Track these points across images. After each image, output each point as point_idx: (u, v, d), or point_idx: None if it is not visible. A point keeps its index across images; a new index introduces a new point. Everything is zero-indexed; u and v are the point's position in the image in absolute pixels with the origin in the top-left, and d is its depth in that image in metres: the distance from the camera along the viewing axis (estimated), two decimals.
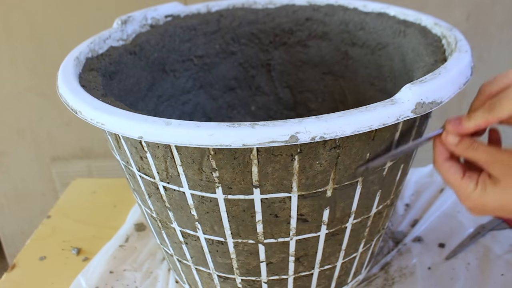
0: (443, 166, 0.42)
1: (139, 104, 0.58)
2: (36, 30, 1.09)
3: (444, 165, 0.42)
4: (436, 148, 0.42)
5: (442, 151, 0.42)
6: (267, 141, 0.35)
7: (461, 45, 0.47)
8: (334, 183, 0.42)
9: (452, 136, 0.40)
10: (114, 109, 0.39)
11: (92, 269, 0.62)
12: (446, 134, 0.41)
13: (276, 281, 0.51)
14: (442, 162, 0.42)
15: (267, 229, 0.45)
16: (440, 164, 0.42)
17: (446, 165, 0.42)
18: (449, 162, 0.42)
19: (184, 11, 0.65)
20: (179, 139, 0.36)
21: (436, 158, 0.42)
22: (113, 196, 0.77)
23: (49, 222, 0.72)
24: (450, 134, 0.41)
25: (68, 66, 0.48)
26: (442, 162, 0.42)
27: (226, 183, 0.41)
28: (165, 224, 0.50)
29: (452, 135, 0.40)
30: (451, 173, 0.41)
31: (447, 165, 0.42)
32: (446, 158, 0.42)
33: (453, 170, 0.41)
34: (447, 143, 0.41)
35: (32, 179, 1.27)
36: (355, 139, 0.39)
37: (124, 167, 0.48)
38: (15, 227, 1.33)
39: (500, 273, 0.58)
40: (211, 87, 0.69)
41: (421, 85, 0.38)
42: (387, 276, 0.59)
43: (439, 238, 0.64)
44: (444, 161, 0.42)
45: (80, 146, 1.22)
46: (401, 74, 0.57)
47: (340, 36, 0.65)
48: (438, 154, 0.42)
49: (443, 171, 0.42)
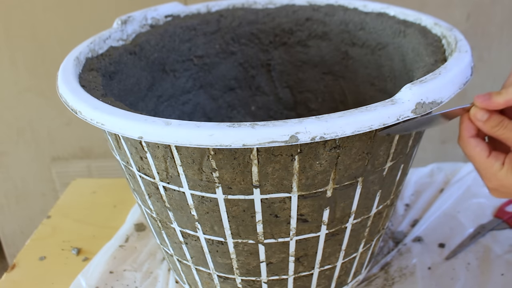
0: (469, 143, 0.40)
1: (139, 104, 0.58)
2: (36, 30, 1.09)
3: (470, 142, 0.40)
4: (462, 124, 0.41)
5: (468, 127, 0.40)
6: (267, 141, 0.35)
7: (461, 45, 0.47)
8: (334, 183, 0.42)
9: (482, 112, 0.39)
10: (114, 109, 0.39)
11: (92, 269, 0.62)
12: (475, 110, 0.39)
13: (276, 281, 0.51)
14: (467, 138, 0.40)
15: (267, 229, 0.45)
16: (465, 140, 0.41)
17: (472, 142, 0.40)
18: (474, 139, 0.40)
19: (184, 11, 0.65)
20: (179, 139, 0.36)
21: (462, 134, 0.41)
22: (113, 196, 0.77)
23: (49, 222, 0.72)
24: (479, 110, 0.39)
25: (68, 66, 0.48)
26: (467, 139, 0.40)
27: (226, 183, 0.41)
28: (165, 224, 0.50)
29: (482, 111, 0.39)
30: (476, 151, 0.40)
31: (473, 142, 0.40)
32: (472, 135, 0.40)
33: (479, 147, 0.40)
34: (476, 119, 0.39)
35: (32, 179, 1.27)
36: (355, 139, 0.39)
37: (124, 167, 0.48)
38: (15, 227, 1.34)
39: (500, 273, 0.58)
40: (211, 87, 0.69)
41: (421, 85, 0.38)
42: (387, 276, 0.59)
43: (439, 238, 0.64)
44: (470, 137, 0.40)
45: (80, 146, 1.22)
46: (401, 74, 0.57)
47: (340, 36, 0.65)
48: (464, 130, 0.40)
49: (468, 148, 0.41)
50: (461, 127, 0.41)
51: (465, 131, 0.41)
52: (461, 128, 0.41)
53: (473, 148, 0.40)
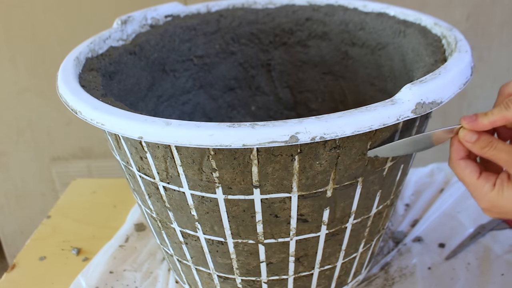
0: (459, 165, 0.41)
1: (139, 104, 0.58)
2: (36, 30, 1.09)
3: (460, 164, 0.41)
4: (452, 146, 0.41)
5: (458, 149, 0.40)
6: (267, 141, 0.35)
7: (461, 45, 0.47)
8: (334, 183, 0.42)
9: (470, 133, 0.39)
10: (114, 109, 0.39)
11: (92, 269, 0.62)
12: (463, 131, 0.39)
13: (276, 281, 0.51)
14: (457, 161, 0.41)
15: (267, 229, 0.45)
16: (455, 162, 0.41)
17: (461, 164, 0.40)
18: (464, 161, 0.41)
19: (184, 11, 0.65)
20: (179, 139, 0.36)
21: (452, 156, 0.41)
22: (113, 196, 0.77)
23: (49, 222, 0.72)
24: (468, 132, 0.39)
25: (68, 66, 0.48)
26: (457, 161, 0.41)
27: (226, 183, 0.41)
28: (165, 224, 0.50)
29: (470, 133, 0.39)
30: (466, 173, 0.40)
31: (462, 164, 0.40)
32: (462, 157, 0.41)
33: (468, 169, 0.40)
34: (465, 141, 0.39)
35: (32, 179, 1.27)
36: (355, 139, 0.39)
37: (124, 167, 0.48)
38: (15, 227, 1.34)
39: (500, 273, 0.58)
40: (211, 87, 0.69)
41: (421, 85, 0.38)
42: (387, 276, 0.59)
43: (439, 238, 0.64)
44: (460, 159, 0.41)
45: (80, 146, 1.22)
46: (401, 74, 0.57)
47: (340, 36, 0.65)
48: (454, 152, 0.41)
49: (458, 170, 0.41)
50: (451, 150, 0.41)
51: (455, 153, 0.41)
52: (451, 150, 0.41)
53: (463, 170, 0.40)
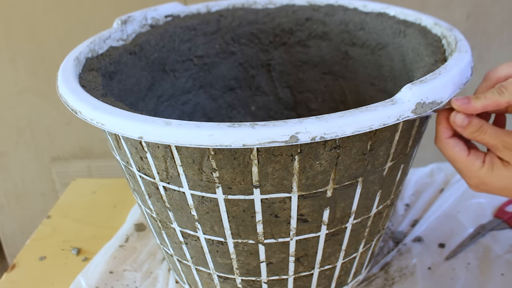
0: (448, 144, 0.41)
1: (139, 104, 0.58)
2: (36, 30, 1.09)
3: (448, 142, 0.41)
4: (439, 125, 0.41)
5: (446, 128, 0.41)
6: (267, 141, 0.35)
7: (461, 45, 0.47)
8: (334, 183, 0.42)
9: (462, 116, 0.39)
10: (114, 109, 0.39)
11: (92, 269, 0.62)
12: (454, 114, 0.40)
13: (276, 281, 0.51)
14: (445, 139, 0.41)
15: (267, 229, 0.45)
16: (443, 141, 0.41)
17: (450, 142, 0.41)
18: (453, 139, 0.41)
19: (184, 11, 0.65)
20: (179, 139, 0.36)
21: (439, 135, 0.41)
22: (113, 196, 0.77)
23: (49, 222, 0.72)
24: (459, 114, 0.39)
25: (68, 66, 0.48)
26: (445, 140, 0.41)
27: (226, 183, 0.41)
28: (165, 224, 0.50)
29: (462, 116, 0.39)
30: (455, 150, 0.41)
31: (451, 143, 0.41)
32: (450, 136, 0.41)
33: (458, 147, 0.41)
34: (455, 124, 0.40)
35: (32, 179, 1.27)
36: (355, 139, 0.39)
37: (124, 167, 0.48)
38: (15, 227, 1.34)
39: (500, 273, 0.58)
40: (211, 87, 0.69)
41: (421, 85, 0.38)
42: (387, 276, 0.59)
43: (439, 238, 0.64)
44: (448, 138, 0.41)
45: (80, 146, 1.22)
46: (401, 74, 0.57)
47: (340, 36, 0.65)
48: (442, 131, 0.41)
49: (447, 149, 0.41)
50: (438, 128, 0.41)
51: (443, 132, 0.41)
52: (438, 129, 0.41)
53: (452, 149, 0.41)
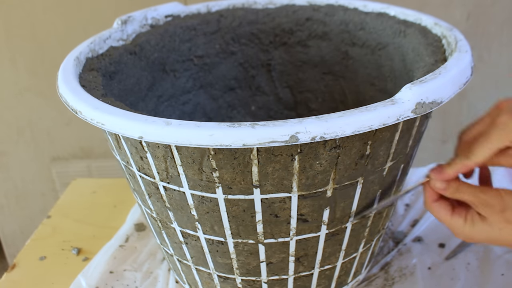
0: (434, 207, 0.45)
1: (139, 104, 0.58)
2: (36, 30, 1.09)
3: (434, 206, 0.45)
4: (425, 192, 0.46)
5: (431, 194, 0.45)
6: (267, 141, 0.35)
7: (461, 45, 0.47)
8: (334, 183, 0.42)
9: (439, 182, 0.44)
10: (114, 109, 0.39)
11: (92, 269, 0.62)
12: (433, 181, 0.45)
13: (276, 281, 0.51)
14: (431, 203, 0.46)
15: (267, 229, 0.45)
16: (430, 205, 0.46)
17: (435, 206, 0.45)
18: (438, 202, 0.45)
19: (184, 11, 0.65)
20: (179, 139, 0.36)
21: (426, 200, 0.46)
22: (113, 196, 0.77)
23: (49, 222, 0.72)
24: (437, 181, 0.44)
25: (68, 66, 0.48)
26: (431, 204, 0.46)
27: (226, 183, 0.41)
28: (165, 224, 0.50)
29: (439, 181, 0.44)
30: (441, 213, 0.45)
31: (436, 206, 0.45)
32: (435, 200, 0.45)
33: (442, 210, 0.45)
34: (436, 189, 0.45)
35: (32, 179, 1.27)
36: (355, 139, 0.39)
37: (124, 167, 0.48)
38: (15, 227, 1.34)
39: (500, 273, 0.58)
40: (211, 87, 0.69)
41: (421, 85, 0.38)
42: (387, 276, 0.59)
43: (439, 238, 0.64)
44: (434, 202, 0.45)
45: (80, 146, 1.23)
46: (401, 74, 0.57)
47: (340, 36, 0.65)
48: (428, 197, 0.46)
49: (434, 211, 0.46)
50: (424, 195, 0.46)
51: (429, 198, 0.46)
52: (425, 195, 0.46)
53: (438, 211, 0.45)
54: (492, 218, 0.42)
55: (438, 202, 0.45)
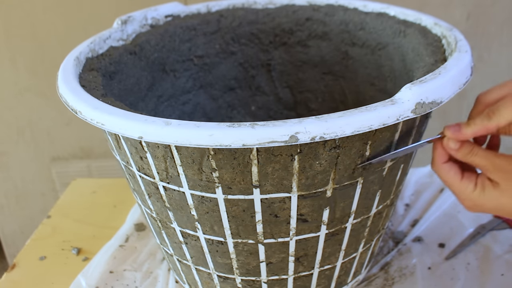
0: (442, 168, 0.43)
1: (139, 104, 0.58)
2: (36, 30, 1.09)
3: (443, 167, 0.43)
4: (435, 150, 0.44)
5: (441, 154, 0.43)
6: (267, 141, 0.35)
7: (461, 45, 0.47)
8: (334, 183, 0.42)
9: (453, 141, 0.42)
10: (114, 109, 0.39)
11: (92, 269, 0.62)
12: (447, 140, 0.42)
13: (276, 281, 0.51)
14: (441, 164, 0.43)
15: (267, 229, 0.45)
16: (439, 166, 0.44)
17: (445, 167, 0.43)
18: (447, 164, 0.43)
19: (184, 11, 0.65)
20: (179, 139, 0.36)
21: (435, 160, 0.44)
22: (113, 196, 0.77)
23: (49, 222, 0.72)
24: (450, 140, 0.42)
25: (68, 66, 0.48)
26: (441, 164, 0.43)
27: (226, 183, 0.41)
28: (165, 224, 0.50)
29: (453, 141, 0.42)
30: (450, 175, 0.43)
31: (446, 167, 0.43)
32: (445, 161, 0.43)
33: (452, 172, 0.43)
34: (448, 148, 0.42)
35: (32, 179, 1.27)
36: (355, 139, 0.39)
37: (124, 167, 0.48)
38: (15, 227, 1.34)
39: (500, 273, 0.58)
40: (211, 87, 0.69)
41: (421, 85, 0.38)
42: (387, 276, 0.59)
43: (439, 238, 0.64)
44: (443, 163, 0.43)
45: (80, 146, 1.23)
46: (401, 74, 0.57)
47: (340, 36, 0.65)
48: (437, 156, 0.43)
49: (442, 173, 0.43)
50: (434, 154, 0.44)
51: (438, 157, 0.43)
52: (434, 154, 0.44)
53: (447, 173, 0.43)
54: (505, 184, 0.40)
55: (448, 164, 0.43)
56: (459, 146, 0.42)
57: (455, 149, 0.42)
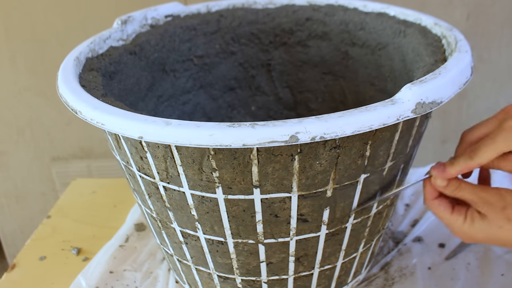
0: (433, 204, 0.45)
1: (139, 104, 0.58)
2: (36, 30, 1.09)
3: (434, 203, 0.45)
4: (425, 189, 0.46)
5: (430, 191, 0.45)
6: (267, 141, 0.35)
7: (461, 45, 0.47)
8: (334, 183, 0.42)
9: (440, 179, 0.44)
10: (114, 109, 0.39)
11: (92, 269, 0.62)
12: (434, 178, 0.44)
13: (276, 281, 0.51)
14: (432, 200, 0.45)
15: (267, 229, 0.45)
16: (430, 202, 0.46)
17: (435, 203, 0.45)
18: (438, 200, 0.45)
19: (184, 11, 0.65)
20: (179, 139, 0.36)
21: (426, 197, 0.46)
22: (113, 196, 0.77)
23: (49, 222, 0.72)
24: (437, 178, 0.44)
25: (68, 66, 0.48)
26: (432, 201, 0.45)
27: (226, 183, 0.41)
28: (165, 224, 0.50)
29: (440, 179, 0.44)
30: (441, 210, 0.45)
31: (436, 203, 0.45)
32: (435, 197, 0.45)
33: (442, 207, 0.45)
34: (436, 186, 0.45)
35: (32, 179, 1.27)
36: (355, 139, 0.39)
37: (124, 167, 0.48)
38: (15, 227, 1.34)
39: (500, 273, 0.58)
40: (211, 87, 0.69)
41: (421, 85, 0.38)
42: (387, 276, 0.59)
43: (439, 238, 0.64)
44: (434, 199, 0.45)
45: (80, 146, 1.23)
46: (401, 74, 0.57)
47: (340, 36, 0.65)
48: (428, 194, 0.45)
49: (433, 208, 0.46)
50: (424, 192, 0.46)
51: (429, 194, 0.45)
52: (425, 192, 0.46)
53: (437, 208, 0.45)
54: (492, 216, 0.42)
55: (438, 200, 0.45)
56: (446, 183, 0.44)
57: (443, 186, 0.44)
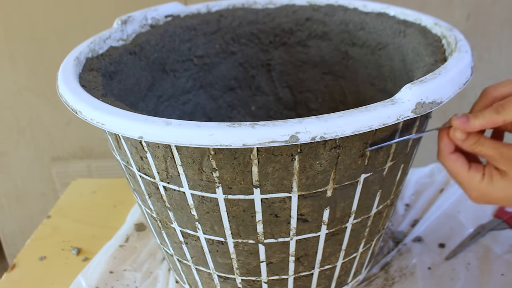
0: (449, 159, 0.43)
1: (139, 104, 0.58)
2: (35, 30, 1.09)
3: (450, 158, 0.43)
4: (441, 141, 0.43)
5: (447, 144, 0.43)
6: (267, 141, 0.35)
7: (461, 45, 0.47)
8: (334, 183, 0.42)
9: (460, 132, 0.41)
10: (114, 109, 0.39)
11: (92, 269, 0.62)
12: (454, 130, 0.42)
13: (276, 281, 0.51)
14: (447, 155, 0.43)
15: (267, 229, 0.45)
16: (445, 157, 0.43)
17: (452, 157, 0.43)
18: (454, 154, 0.43)
19: (184, 11, 0.65)
20: (179, 139, 0.36)
21: (442, 151, 0.43)
22: (113, 196, 0.77)
23: (49, 222, 0.72)
24: (457, 130, 0.41)
25: (68, 66, 0.48)
26: (447, 155, 0.43)
27: (226, 183, 0.41)
28: (165, 224, 0.50)
29: (460, 131, 0.41)
30: (457, 166, 0.42)
31: (453, 158, 0.43)
32: (451, 151, 0.43)
33: (459, 162, 0.42)
34: (455, 138, 0.42)
35: (32, 179, 1.27)
36: (355, 139, 0.39)
37: (124, 167, 0.48)
38: (15, 227, 1.34)
39: (500, 273, 0.58)
40: (211, 87, 0.69)
41: (421, 85, 0.39)
42: (387, 276, 0.59)
43: (439, 238, 0.64)
44: (450, 154, 0.43)
45: (80, 146, 1.23)
46: (401, 74, 0.57)
47: (340, 36, 0.65)
48: (444, 147, 0.43)
49: (449, 164, 0.43)
50: (440, 144, 0.43)
51: (445, 147, 0.43)
52: (441, 145, 0.43)
53: (453, 163, 0.43)
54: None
55: (455, 154, 0.43)
56: (465, 137, 0.41)
57: (462, 139, 0.41)
